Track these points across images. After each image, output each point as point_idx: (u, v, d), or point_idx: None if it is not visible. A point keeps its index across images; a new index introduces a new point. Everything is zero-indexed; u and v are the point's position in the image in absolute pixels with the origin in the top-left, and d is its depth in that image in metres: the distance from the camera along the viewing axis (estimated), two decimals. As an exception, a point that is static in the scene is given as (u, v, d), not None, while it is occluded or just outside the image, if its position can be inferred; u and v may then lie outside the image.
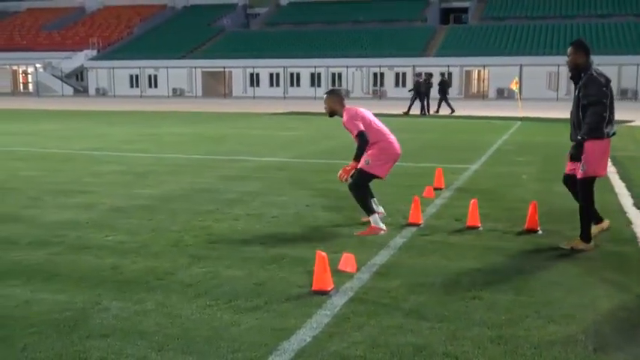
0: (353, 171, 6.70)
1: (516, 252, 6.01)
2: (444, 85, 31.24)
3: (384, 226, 6.65)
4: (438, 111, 30.12)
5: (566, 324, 4.24)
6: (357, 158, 6.63)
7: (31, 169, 11.60)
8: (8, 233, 6.68)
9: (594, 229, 6.32)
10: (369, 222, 6.76)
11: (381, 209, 7.02)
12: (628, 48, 46.29)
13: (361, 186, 6.73)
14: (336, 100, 6.93)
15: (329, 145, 15.66)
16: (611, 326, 4.25)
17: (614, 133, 6.04)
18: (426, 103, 29.84)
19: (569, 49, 6.07)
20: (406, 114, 28.72)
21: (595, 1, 55.44)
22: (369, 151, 6.68)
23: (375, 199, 6.98)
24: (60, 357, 3.75)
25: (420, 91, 29.65)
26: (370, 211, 6.67)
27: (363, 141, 6.56)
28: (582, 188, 6.04)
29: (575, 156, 5.98)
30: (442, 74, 36.28)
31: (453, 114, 28.83)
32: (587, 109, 5.87)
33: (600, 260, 5.73)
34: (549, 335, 4.05)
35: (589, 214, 6.04)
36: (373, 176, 6.75)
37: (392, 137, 6.90)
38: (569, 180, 6.29)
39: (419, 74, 32.07)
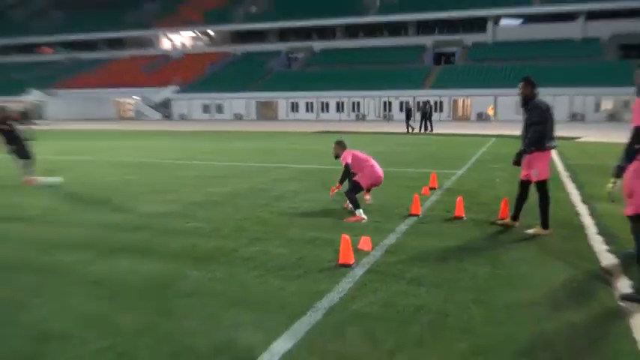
0: (336, 190, 7.32)
1: (492, 236, 5.96)
2: (430, 109, 31.33)
3: (365, 217, 6.71)
4: (431, 129, 29.94)
5: (530, 290, 4.21)
6: (340, 181, 7.27)
7: (132, 173, 11.78)
8: (118, 220, 6.83)
9: (506, 221, 6.29)
10: (353, 211, 6.91)
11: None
12: (577, 83, 45.27)
13: (352, 191, 6.94)
14: (340, 147, 7.46)
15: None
16: (564, 293, 4.21)
17: (554, 146, 6.00)
18: (423, 123, 29.87)
19: (521, 84, 6.02)
20: (407, 133, 28.62)
21: (553, 47, 54.38)
22: (360, 173, 7.16)
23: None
24: (155, 311, 3.84)
25: (410, 116, 30.20)
26: (358, 207, 6.81)
27: (346, 170, 7.17)
28: (539, 189, 6.01)
29: (517, 162, 6.00)
30: (428, 101, 35.63)
31: (427, 132, 28.96)
32: (531, 128, 5.85)
33: (556, 243, 5.66)
34: (517, 299, 4.03)
35: (547, 207, 5.98)
36: (360, 186, 7.03)
37: (376, 165, 7.29)
38: (523, 184, 6.26)
39: (408, 102, 32.11)
